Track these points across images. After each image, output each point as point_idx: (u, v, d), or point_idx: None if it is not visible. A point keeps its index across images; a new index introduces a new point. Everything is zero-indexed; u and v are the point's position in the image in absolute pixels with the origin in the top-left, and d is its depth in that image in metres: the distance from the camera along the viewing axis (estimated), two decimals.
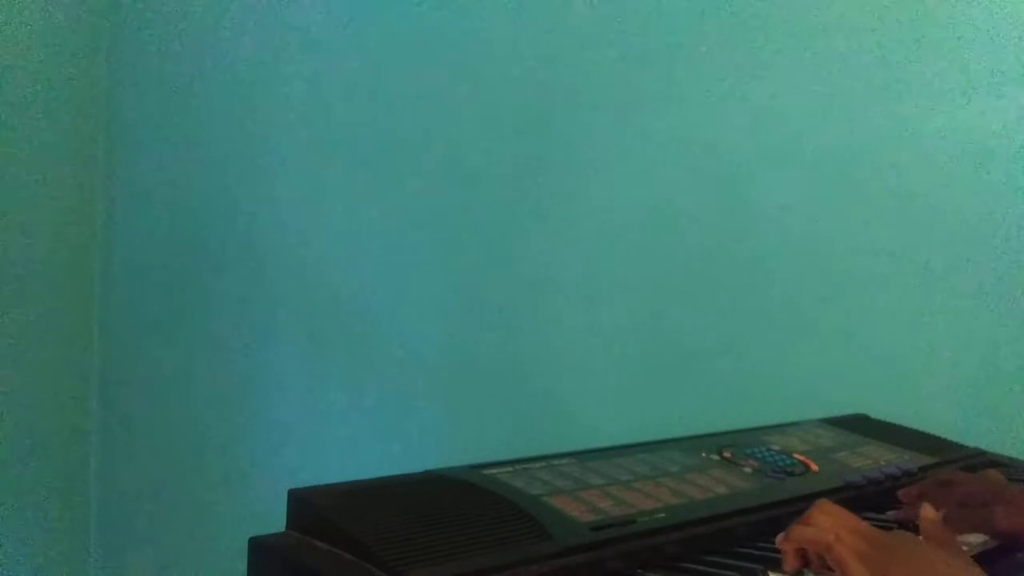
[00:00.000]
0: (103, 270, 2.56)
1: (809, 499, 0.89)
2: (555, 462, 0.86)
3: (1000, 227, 1.33)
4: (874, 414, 1.26)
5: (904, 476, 1.00)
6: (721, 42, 1.56)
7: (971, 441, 1.19)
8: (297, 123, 2.16)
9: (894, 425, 1.21)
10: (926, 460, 1.07)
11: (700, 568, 0.74)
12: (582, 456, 0.89)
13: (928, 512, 0.75)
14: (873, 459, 1.04)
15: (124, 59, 2.52)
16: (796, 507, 0.87)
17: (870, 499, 0.95)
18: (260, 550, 0.69)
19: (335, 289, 2.08)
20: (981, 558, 0.64)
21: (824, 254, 1.47)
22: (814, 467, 0.97)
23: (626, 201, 1.66)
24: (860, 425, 1.19)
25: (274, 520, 0.73)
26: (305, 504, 0.71)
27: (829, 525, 0.68)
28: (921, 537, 0.73)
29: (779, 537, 0.71)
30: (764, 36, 1.52)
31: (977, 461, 1.13)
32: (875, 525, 0.71)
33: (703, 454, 0.95)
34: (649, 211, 1.63)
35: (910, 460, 1.06)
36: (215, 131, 2.33)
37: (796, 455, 1.00)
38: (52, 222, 2.48)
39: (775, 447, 1.02)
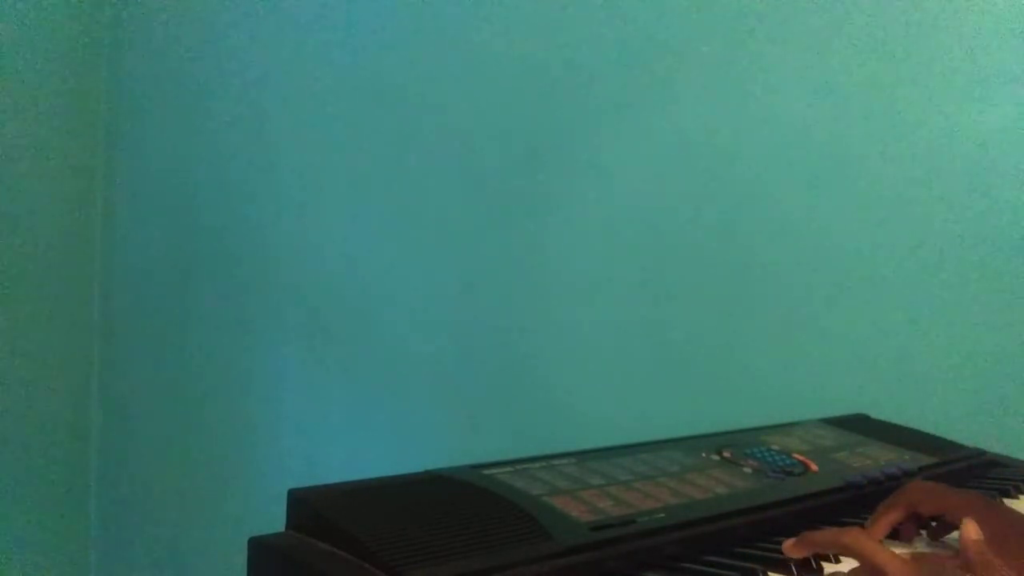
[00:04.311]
0: (103, 270, 2.56)
1: (809, 499, 0.89)
2: (555, 462, 0.86)
3: (1001, 227, 1.33)
4: (874, 414, 1.26)
5: (904, 476, 0.99)
6: (722, 41, 1.56)
7: (971, 441, 1.19)
8: (297, 122, 2.16)
9: (894, 425, 1.21)
10: (926, 460, 1.07)
11: (700, 568, 0.74)
12: (582, 456, 0.89)
13: (971, 531, 0.66)
14: (873, 459, 1.04)
15: (125, 56, 2.52)
16: (796, 507, 0.88)
17: (870, 499, 0.94)
18: (260, 550, 0.69)
19: (336, 288, 2.08)
20: None
21: (825, 254, 1.47)
22: (814, 467, 0.97)
23: (627, 200, 1.66)
24: (860, 425, 1.19)
25: (274, 520, 0.73)
26: (305, 504, 0.71)
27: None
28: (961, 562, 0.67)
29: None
30: (765, 35, 1.52)
31: (977, 461, 1.13)
32: None
33: (703, 454, 0.95)
34: (650, 210, 1.64)
35: (910, 460, 1.06)
36: (216, 131, 2.33)
37: (796, 455, 1.00)
38: (52, 222, 2.48)
39: (775, 447, 1.02)
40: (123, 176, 2.54)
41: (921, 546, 0.84)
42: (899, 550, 0.66)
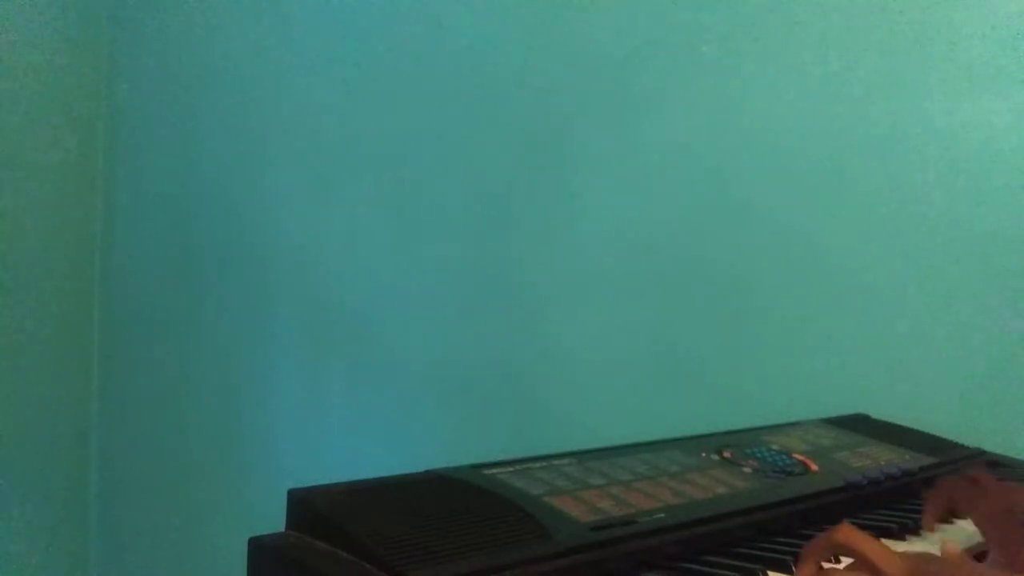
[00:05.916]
0: (103, 270, 2.56)
1: (809, 499, 0.89)
2: (555, 462, 0.86)
3: (1001, 227, 1.33)
4: (874, 414, 1.26)
5: (904, 476, 1.00)
6: (719, 44, 1.56)
7: (971, 441, 1.19)
8: (297, 125, 2.16)
9: (894, 425, 1.21)
10: (926, 460, 1.07)
11: (700, 568, 0.74)
12: (582, 456, 0.89)
13: (951, 549, 0.68)
14: (873, 459, 1.04)
15: (124, 59, 2.52)
16: (796, 507, 0.88)
17: (870, 499, 0.95)
18: (260, 550, 0.69)
19: (335, 289, 2.09)
20: None
21: (824, 255, 1.47)
22: (814, 467, 0.97)
23: (624, 205, 1.66)
24: (860, 425, 1.19)
25: (274, 520, 0.73)
26: (305, 504, 0.71)
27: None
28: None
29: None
30: (762, 38, 1.52)
31: (977, 461, 1.13)
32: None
33: (703, 454, 0.95)
34: (648, 215, 1.63)
35: (910, 460, 1.06)
36: (215, 132, 2.33)
37: (796, 455, 1.00)
38: (52, 222, 2.48)
39: (775, 447, 1.02)
40: (123, 177, 2.54)
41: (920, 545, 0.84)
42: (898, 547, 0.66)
